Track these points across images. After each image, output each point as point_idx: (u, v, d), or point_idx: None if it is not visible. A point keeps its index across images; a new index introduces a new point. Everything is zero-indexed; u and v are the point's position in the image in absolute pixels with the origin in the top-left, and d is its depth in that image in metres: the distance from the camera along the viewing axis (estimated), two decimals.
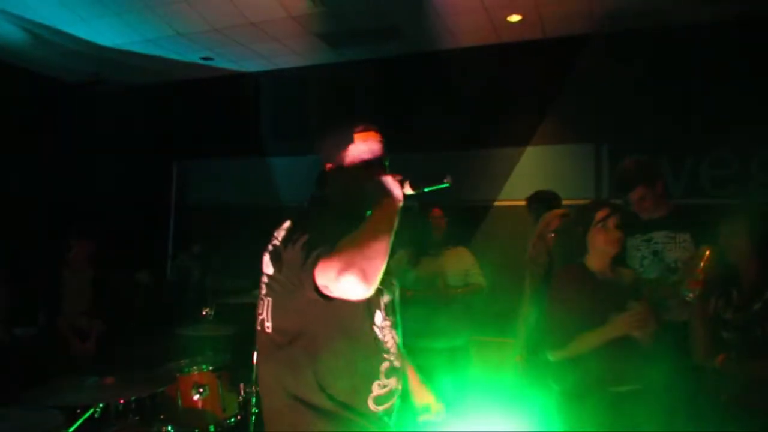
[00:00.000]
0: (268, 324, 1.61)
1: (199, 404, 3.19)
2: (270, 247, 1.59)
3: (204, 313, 3.79)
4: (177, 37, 5.07)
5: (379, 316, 1.63)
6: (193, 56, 5.60)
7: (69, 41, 5.19)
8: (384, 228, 1.39)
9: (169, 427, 3.01)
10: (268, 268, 1.59)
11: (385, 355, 1.61)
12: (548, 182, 4.22)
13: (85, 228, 4.56)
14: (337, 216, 1.58)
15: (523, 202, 3.83)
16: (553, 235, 3.10)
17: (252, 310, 3.60)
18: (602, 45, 4.68)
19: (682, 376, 2.45)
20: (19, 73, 5.85)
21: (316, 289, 1.33)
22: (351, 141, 1.67)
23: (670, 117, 4.45)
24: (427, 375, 1.96)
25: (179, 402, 3.20)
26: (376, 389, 1.57)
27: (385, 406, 1.59)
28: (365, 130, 1.70)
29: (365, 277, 1.26)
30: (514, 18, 4.54)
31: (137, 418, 2.96)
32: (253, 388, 3.22)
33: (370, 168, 1.65)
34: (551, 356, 2.41)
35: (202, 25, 4.80)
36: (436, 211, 3.72)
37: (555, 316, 2.40)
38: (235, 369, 3.43)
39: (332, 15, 4.56)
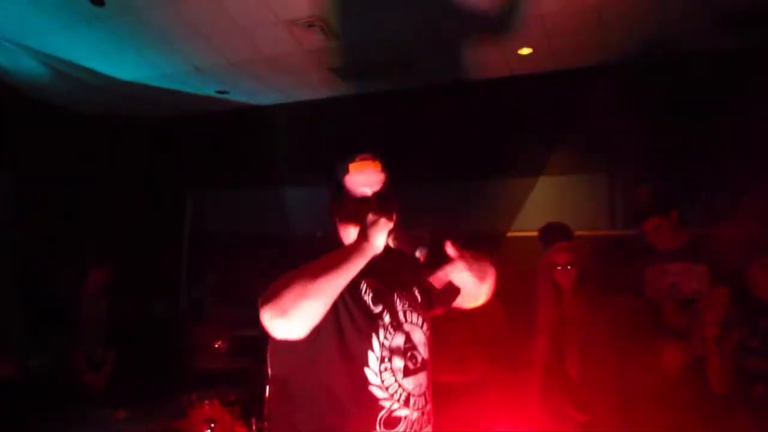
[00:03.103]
0: (269, 370, 1.52)
1: None
2: None
3: (217, 345, 3.77)
4: (194, 71, 5.18)
5: (372, 358, 1.44)
6: (209, 90, 5.70)
7: (89, 76, 5.32)
8: (335, 267, 1.26)
9: None
10: None
11: (383, 402, 1.42)
12: (562, 213, 4.20)
13: (100, 258, 4.60)
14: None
15: (536, 233, 3.81)
16: (558, 268, 3.07)
17: (265, 342, 3.58)
18: (615, 75, 4.70)
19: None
20: (38, 107, 5.98)
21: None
22: (346, 172, 1.53)
23: (685, 146, 4.42)
24: (442, 410, 1.93)
25: None
26: None
27: None
28: (361, 159, 1.53)
29: (283, 312, 1.18)
30: (525, 51, 4.59)
31: None
32: (265, 423, 3.17)
33: (365, 203, 1.48)
34: None
35: (218, 59, 4.90)
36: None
37: None
38: (247, 403, 3.40)
39: (345, 49, 4.64)
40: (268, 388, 1.57)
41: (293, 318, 1.19)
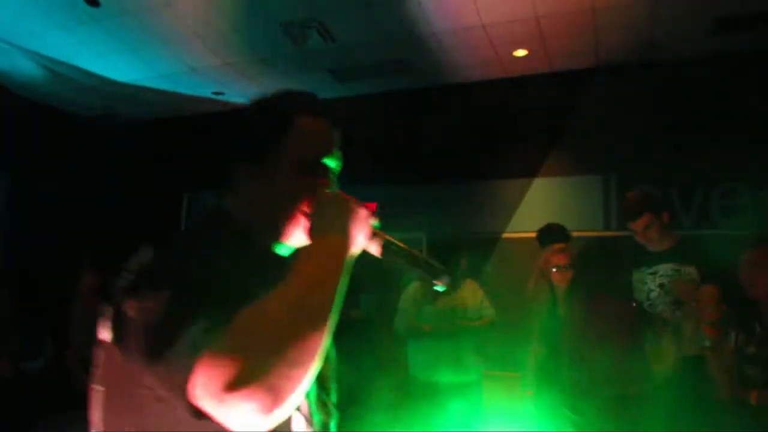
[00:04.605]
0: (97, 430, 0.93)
1: None
2: (113, 295, 0.86)
3: None
4: (190, 72, 5.18)
5: (299, 420, 0.92)
6: (204, 91, 5.71)
7: (85, 76, 5.31)
8: (328, 292, 0.78)
9: None
10: (104, 331, 0.88)
11: None
12: (557, 214, 4.22)
13: (94, 259, 4.58)
14: (240, 246, 0.94)
15: (531, 234, 3.82)
16: (554, 270, 3.11)
17: None
18: (610, 77, 4.73)
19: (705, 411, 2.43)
20: (34, 108, 5.97)
21: (188, 402, 0.70)
22: (289, 124, 1.01)
23: (679, 148, 4.45)
24: (439, 410, 1.93)
25: None
26: None
27: None
28: (315, 113, 1.03)
29: (275, 400, 0.66)
30: (521, 53, 4.61)
31: None
32: None
33: (314, 174, 0.99)
34: None
35: (214, 60, 4.91)
36: None
37: None
38: None
39: (341, 50, 4.65)
40: None
41: (287, 407, 0.69)
